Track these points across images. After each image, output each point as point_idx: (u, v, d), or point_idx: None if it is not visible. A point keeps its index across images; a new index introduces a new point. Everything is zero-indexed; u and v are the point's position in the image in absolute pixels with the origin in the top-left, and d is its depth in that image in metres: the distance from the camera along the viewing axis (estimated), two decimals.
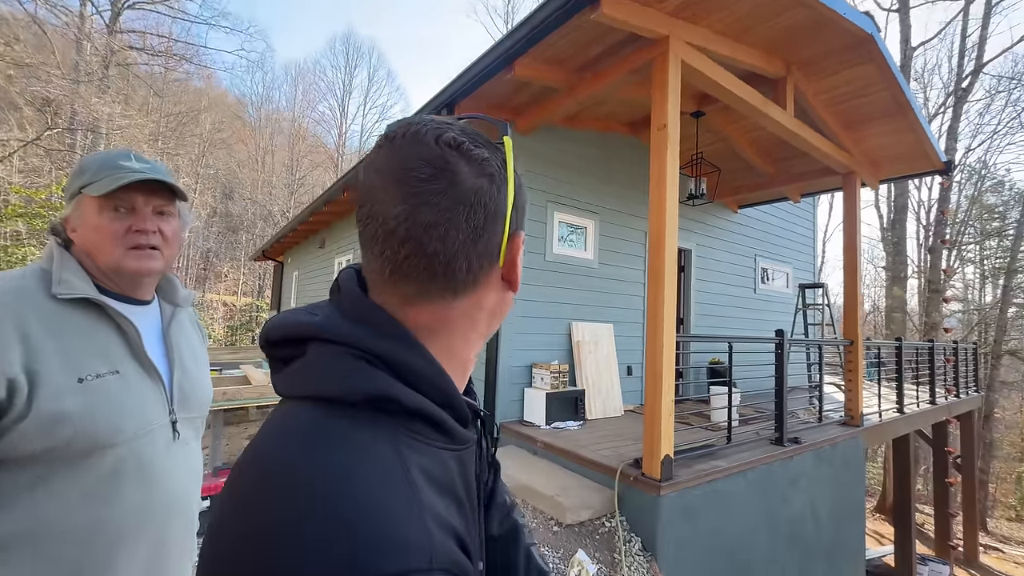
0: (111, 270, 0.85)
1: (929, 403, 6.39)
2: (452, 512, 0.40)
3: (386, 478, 0.35)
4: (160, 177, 0.86)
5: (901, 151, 4.76)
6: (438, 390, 0.42)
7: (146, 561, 0.81)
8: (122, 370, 0.81)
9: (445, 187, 0.40)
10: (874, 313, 20.69)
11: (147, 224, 0.86)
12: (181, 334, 0.97)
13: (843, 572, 4.22)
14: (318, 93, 30.98)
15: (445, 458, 0.42)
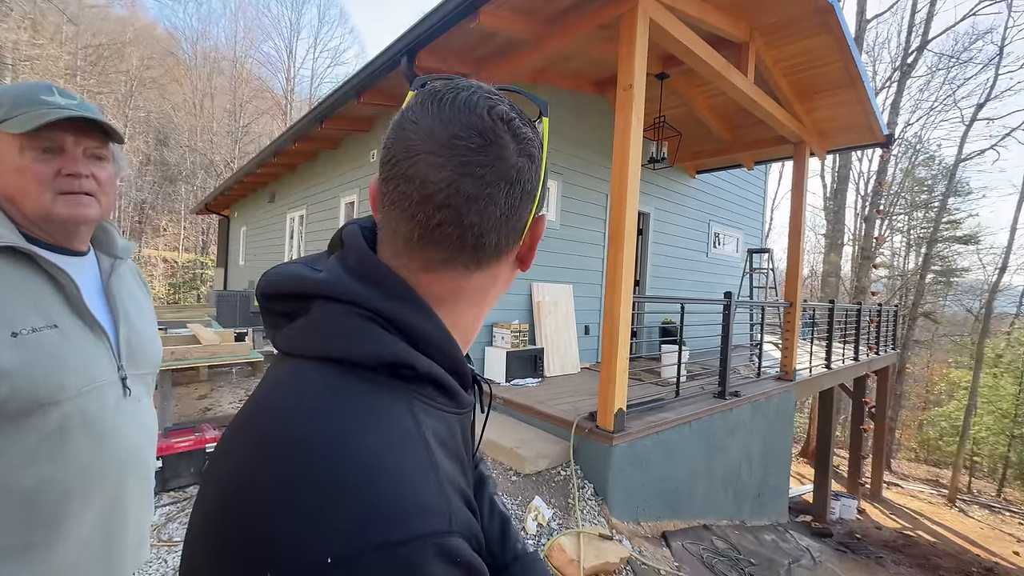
0: (39, 217, 0.76)
1: (853, 359, 7.03)
2: (459, 476, 0.40)
3: (405, 442, 0.36)
4: (93, 115, 0.77)
5: (849, 123, 4.98)
6: (447, 356, 0.42)
7: (102, 518, 0.79)
8: (60, 324, 0.75)
9: (492, 160, 0.40)
10: (812, 277, 22.15)
11: (79, 167, 0.78)
12: (123, 287, 0.91)
13: (769, 508, 4.71)
14: (262, 30, 28.42)
15: (451, 422, 0.43)
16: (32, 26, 13.73)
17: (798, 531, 4.93)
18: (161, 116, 23.54)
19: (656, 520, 3.24)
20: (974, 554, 6.54)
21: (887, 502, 8.57)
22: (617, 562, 2.40)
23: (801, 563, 3.90)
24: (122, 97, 20.82)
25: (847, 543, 5.51)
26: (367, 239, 0.45)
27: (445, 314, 0.44)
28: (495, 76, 4.03)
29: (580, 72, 4.69)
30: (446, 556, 0.32)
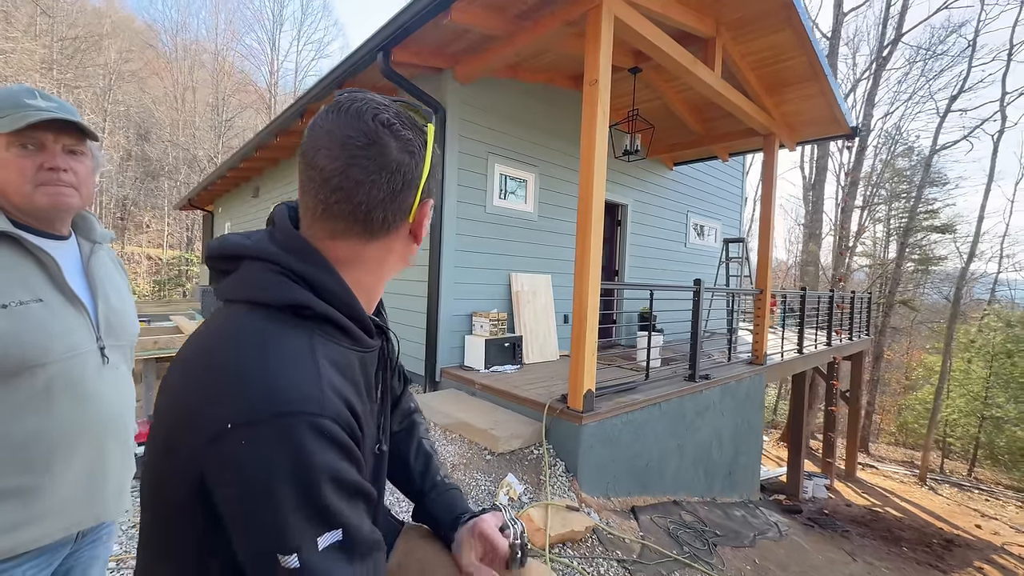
0: (24, 206, 0.87)
1: (826, 344, 7.29)
2: (350, 392, 0.54)
3: (295, 354, 0.50)
4: (69, 117, 0.87)
5: (815, 115, 5.15)
6: (345, 304, 0.56)
7: (86, 469, 0.90)
8: (45, 298, 0.85)
9: (375, 155, 0.53)
10: (794, 267, 22.56)
11: (58, 161, 0.87)
12: (101, 268, 1.01)
13: (741, 486, 4.92)
14: (244, 22, 28.08)
15: (350, 356, 0.57)
16: (4, 18, 13.44)
17: (768, 508, 5.15)
18: (141, 110, 23.16)
19: (626, 496, 3.41)
20: (937, 527, 6.86)
21: (860, 482, 8.90)
22: (583, 531, 2.56)
23: (767, 535, 4.11)
24: (100, 91, 20.44)
25: (815, 519, 5.76)
26: (292, 218, 0.59)
27: (347, 275, 0.58)
28: (470, 71, 4.13)
29: (555, 66, 4.80)
30: (315, 430, 0.46)
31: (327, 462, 0.46)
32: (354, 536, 0.49)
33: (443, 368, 4.32)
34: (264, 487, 0.44)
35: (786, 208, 38.82)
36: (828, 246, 17.73)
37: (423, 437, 0.92)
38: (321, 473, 0.46)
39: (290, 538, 0.45)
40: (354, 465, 0.50)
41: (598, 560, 2.47)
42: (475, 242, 4.53)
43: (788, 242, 26.32)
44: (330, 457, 0.47)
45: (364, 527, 0.50)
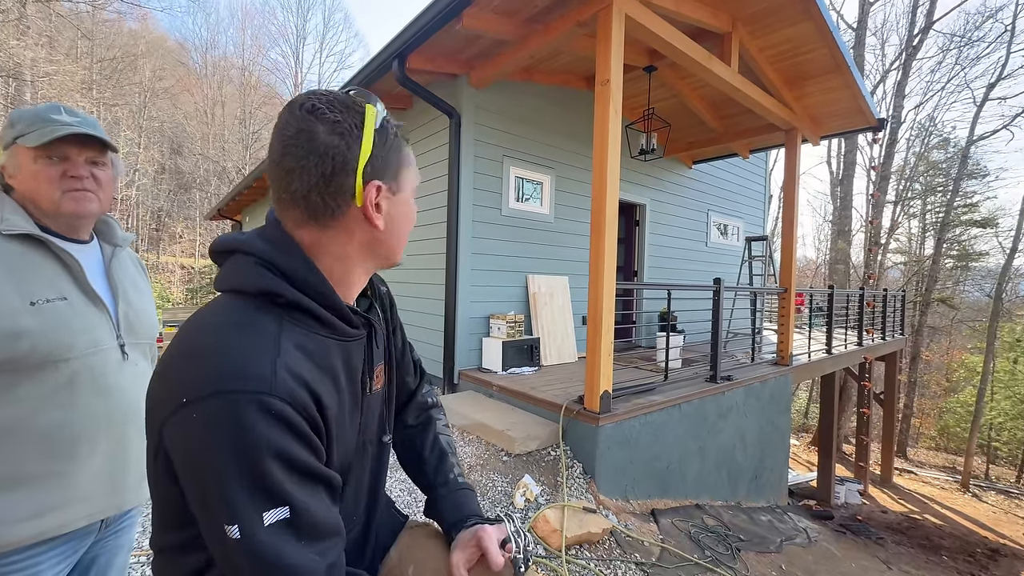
0: (50, 211, 0.93)
1: (856, 344, 7.03)
2: (318, 378, 0.56)
3: (256, 337, 0.53)
4: (90, 131, 0.93)
5: (839, 108, 5.01)
6: (319, 293, 0.59)
7: (108, 458, 0.95)
8: (69, 297, 0.91)
9: (303, 141, 0.55)
10: (824, 265, 21.87)
11: (80, 170, 0.94)
12: (122, 270, 1.06)
13: (767, 490, 4.79)
14: (269, 38, 28.97)
15: (326, 345, 0.60)
16: (49, 43, 14.24)
17: (797, 513, 5.00)
18: (174, 125, 24.13)
19: (646, 498, 3.36)
20: (981, 536, 6.52)
21: (897, 488, 8.53)
22: (599, 532, 2.54)
23: (795, 541, 3.99)
24: (136, 108, 21.40)
25: (848, 525, 5.55)
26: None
27: (319, 263, 0.60)
28: (484, 76, 4.17)
29: (568, 68, 4.81)
30: (262, 408, 0.48)
31: (272, 439, 0.48)
32: (302, 516, 0.49)
33: (461, 370, 4.35)
34: (209, 460, 0.47)
35: (814, 205, 37.72)
36: (859, 243, 17.15)
37: (440, 433, 0.93)
38: (265, 450, 0.47)
39: (233, 510, 0.47)
40: (307, 448, 0.51)
41: (615, 563, 2.44)
42: (491, 244, 4.55)
43: (817, 240, 25.58)
44: (276, 435, 0.48)
45: (317, 509, 0.51)
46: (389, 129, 0.60)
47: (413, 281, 4.93)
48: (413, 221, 0.67)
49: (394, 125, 0.62)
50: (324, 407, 0.55)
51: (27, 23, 12.70)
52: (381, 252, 0.65)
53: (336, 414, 0.59)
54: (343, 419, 0.62)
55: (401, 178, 0.62)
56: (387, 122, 0.61)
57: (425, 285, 4.71)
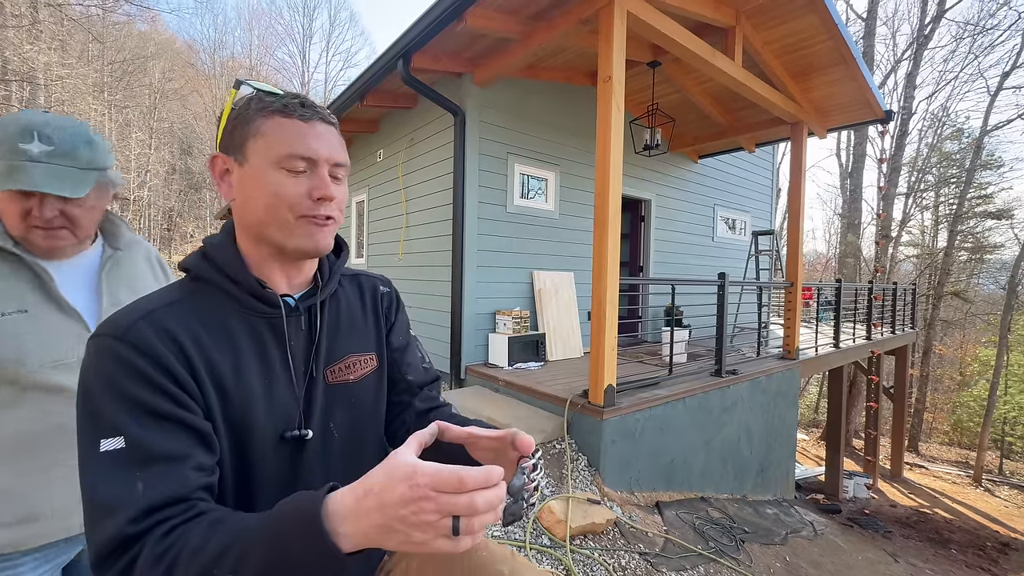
0: (21, 241, 0.89)
1: (865, 339, 7.00)
2: (200, 335, 0.61)
3: (147, 300, 0.62)
4: (41, 190, 0.82)
5: (845, 100, 4.97)
6: (229, 267, 0.65)
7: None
8: (32, 310, 0.87)
9: None
10: (834, 259, 21.64)
11: (46, 212, 0.86)
12: (121, 276, 1.01)
13: (774, 484, 4.80)
14: (275, 38, 29.25)
15: (227, 312, 0.64)
16: (61, 47, 14.46)
17: (804, 507, 5.01)
18: (184, 126, 24.42)
19: (650, 491, 3.40)
20: (992, 530, 6.47)
21: (907, 482, 8.49)
22: (604, 523, 2.59)
23: (800, 534, 4.01)
24: (147, 110, 21.67)
25: (855, 519, 5.55)
26: None
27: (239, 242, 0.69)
28: (488, 74, 4.20)
29: (572, 65, 4.82)
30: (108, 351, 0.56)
31: (112, 377, 0.55)
32: (136, 447, 0.53)
33: (468, 365, 4.41)
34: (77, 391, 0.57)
35: (824, 198, 37.20)
36: (870, 237, 16.93)
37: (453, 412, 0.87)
38: (104, 385, 0.54)
39: (79, 434, 0.55)
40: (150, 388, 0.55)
41: (619, 552, 2.49)
42: (497, 241, 4.60)
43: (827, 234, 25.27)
44: (116, 374, 0.55)
45: (154, 442, 0.53)
46: (249, 106, 0.63)
47: (420, 278, 4.99)
48: (278, 196, 0.62)
49: (268, 102, 0.62)
50: (194, 359, 0.59)
51: (40, 28, 12.90)
52: (251, 227, 0.65)
53: (225, 375, 0.61)
54: (241, 383, 0.63)
55: (247, 149, 0.62)
56: (253, 100, 0.63)
57: (432, 282, 4.77)
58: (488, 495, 0.43)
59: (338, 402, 0.73)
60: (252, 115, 0.62)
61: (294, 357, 0.69)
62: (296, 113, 0.62)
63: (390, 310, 0.86)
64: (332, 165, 0.65)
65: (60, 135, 0.85)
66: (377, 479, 0.45)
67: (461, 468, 0.43)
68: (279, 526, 0.46)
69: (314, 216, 0.64)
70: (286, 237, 0.64)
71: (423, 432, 0.54)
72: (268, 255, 0.67)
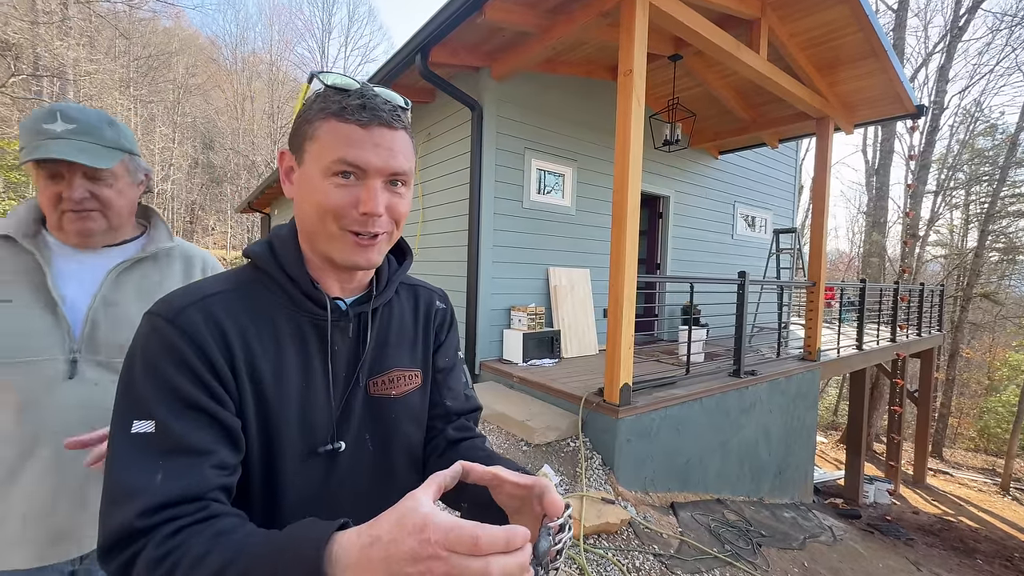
0: (56, 228, 0.90)
1: (890, 340, 6.81)
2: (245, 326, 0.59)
3: (205, 284, 0.61)
4: (67, 156, 0.82)
5: (874, 94, 4.82)
6: (288, 263, 0.63)
7: (42, 488, 0.84)
8: (17, 301, 0.84)
9: None
10: (858, 258, 21.09)
11: (74, 192, 0.86)
12: (134, 277, 0.95)
13: (792, 487, 4.71)
14: (295, 33, 29.50)
15: (285, 313, 0.62)
16: (89, 43, 14.83)
17: (823, 511, 4.91)
18: (206, 121, 24.87)
19: (665, 491, 3.36)
20: (1020, 540, 6.26)
21: (931, 489, 8.26)
22: (618, 523, 2.56)
23: (819, 539, 3.92)
24: (171, 104, 22.13)
25: (876, 525, 5.42)
26: None
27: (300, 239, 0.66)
28: (506, 68, 4.17)
29: (592, 59, 4.75)
30: (156, 330, 0.55)
31: (155, 359, 0.54)
32: (164, 434, 0.51)
33: (482, 361, 4.41)
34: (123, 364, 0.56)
35: (848, 196, 36.27)
36: (896, 235, 16.45)
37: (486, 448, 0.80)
38: (148, 365, 0.54)
39: (115, 408, 0.54)
40: (190, 376, 0.54)
41: (634, 553, 2.47)
42: (513, 237, 4.58)
43: (851, 232, 24.65)
44: (160, 357, 0.54)
45: (184, 433, 0.52)
46: (317, 103, 0.59)
47: (435, 273, 4.99)
48: (322, 207, 0.59)
49: (335, 100, 0.58)
50: (235, 352, 0.58)
51: (69, 24, 13.24)
52: (303, 228, 0.63)
53: (269, 372, 0.60)
54: (283, 382, 0.61)
55: (304, 151, 0.59)
56: (322, 96, 0.59)
57: (447, 277, 4.77)
58: (505, 562, 0.39)
59: (377, 416, 0.70)
60: (313, 115, 0.58)
61: (335, 363, 0.66)
62: (354, 117, 0.57)
63: (442, 328, 0.83)
64: (389, 175, 0.59)
65: (82, 115, 0.86)
66: (385, 527, 0.41)
67: (478, 526, 0.39)
68: (279, 560, 0.43)
69: (359, 233, 0.60)
70: (331, 249, 0.61)
71: (445, 473, 0.49)
72: (321, 263, 0.65)
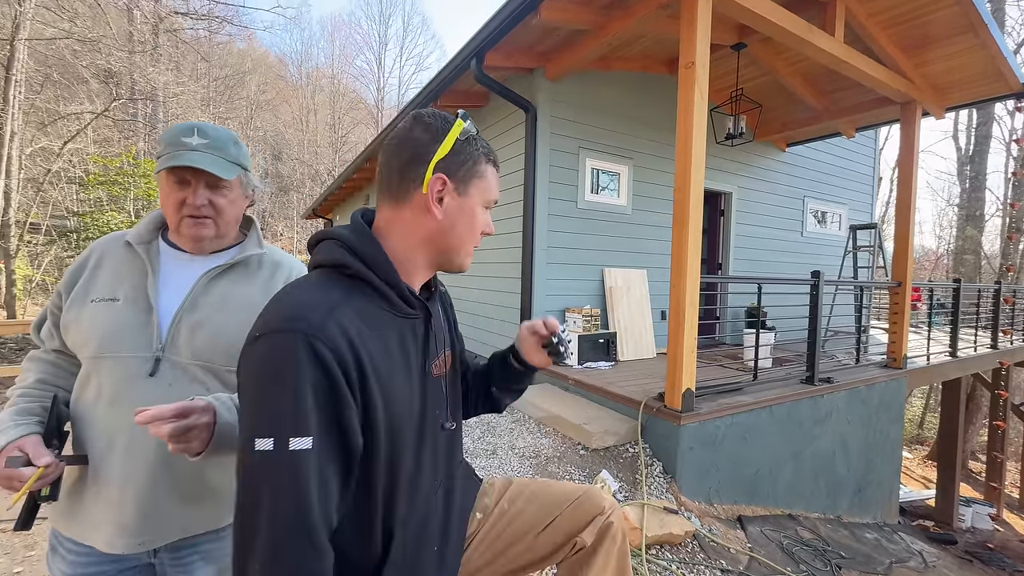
0: (174, 231, 1.00)
1: (990, 347, 6.10)
2: (368, 339, 0.63)
3: (320, 293, 0.64)
4: (200, 165, 0.91)
5: (971, 74, 4.33)
6: (378, 267, 0.68)
7: (120, 479, 0.88)
8: (122, 298, 0.92)
9: (403, 137, 0.71)
10: (946, 256, 19.11)
11: (197, 199, 0.94)
12: (231, 285, 1.00)
13: (873, 506, 4.32)
14: (355, 47, 31.02)
15: (382, 315, 0.68)
16: (175, 67, 16.33)
17: (910, 534, 4.46)
18: (275, 134, 26.64)
19: (731, 503, 3.18)
20: None
21: None
22: (682, 535, 2.45)
23: (907, 564, 3.57)
24: (244, 120, 23.88)
25: (975, 552, 4.86)
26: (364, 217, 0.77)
27: (386, 243, 0.71)
28: (560, 67, 4.14)
29: (648, 53, 4.62)
30: (310, 347, 0.56)
31: (312, 374, 0.56)
32: (319, 454, 0.55)
33: None
34: (263, 382, 0.56)
35: (934, 187, 32.92)
36: (993, 230, 14.74)
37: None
38: (306, 381, 0.55)
39: (271, 425, 0.55)
40: (334, 393, 0.57)
41: (699, 567, 2.35)
42: (567, 238, 4.53)
43: (938, 227, 22.36)
44: (316, 372, 0.56)
45: (328, 460, 0.57)
46: (474, 144, 0.70)
47: (490, 275, 5.04)
48: (475, 231, 0.74)
49: (484, 145, 0.72)
50: (365, 365, 0.61)
51: (159, 52, 14.64)
52: (440, 246, 0.72)
53: (385, 376, 0.64)
54: (394, 383, 0.67)
55: (470, 185, 0.71)
56: (474, 139, 0.70)
57: (500, 279, 4.80)
58: None
59: (446, 394, 0.81)
60: (479, 157, 0.71)
61: (426, 354, 0.75)
62: (497, 164, 0.75)
63: (451, 307, 0.95)
64: None
65: (215, 133, 0.97)
66: None
67: None
68: None
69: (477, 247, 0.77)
70: (461, 259, 0.75)
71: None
72: (424, 266, 0.74)
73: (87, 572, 0.90)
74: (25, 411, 0.89)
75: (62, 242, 10.62)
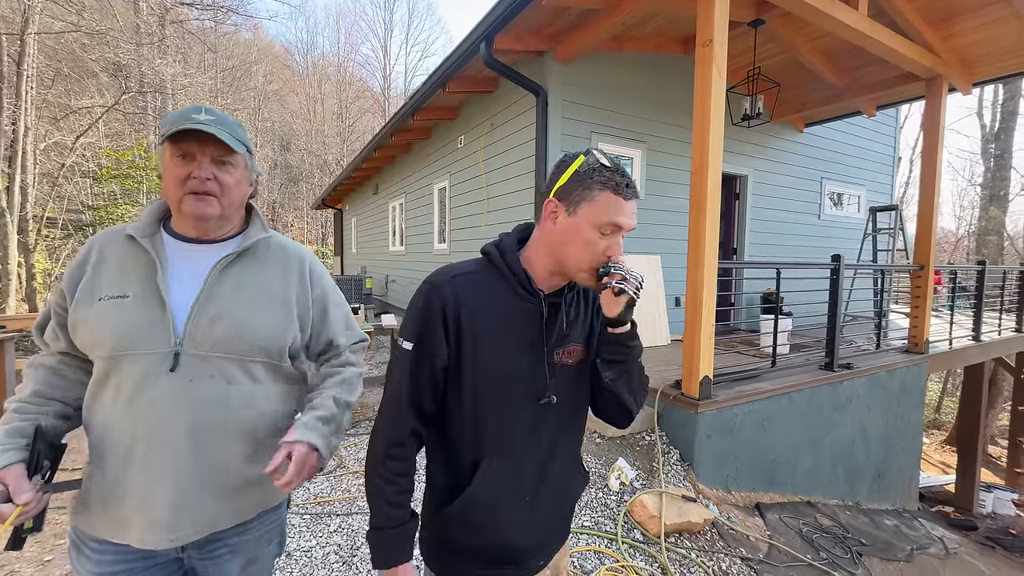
0: (176, 211, 0.94)
1: (1015, 331, 5.95)
2: (476, 300, 0.87)
3: (458, 268, 0.91)
4: (207, 128, 0.88)
5: (1003, 45, 4.15)
6: (508, 260, 0.90)
7: (144, 477, 0.87)
8: (132, 295, 0.89)
9: (550, 173, 0.90)
10: (967, 237, 18.63)
11: (203, 172, 0.90)
12: (234, 274, 0.97)
13: (892, 492, 4.27)
14: (360, 34, 30.80)
15: (501, 291, 0.89)
16: (183, 59, 16.32)
17: (930, 520, 4.41)
18: (283, 124, 26.61)
19: (749, 491, 3.16)
20: None
21: None
22: (700, 523, 2.44)
23: (928, 551, 3.53)
24: (252, 111, 23.86)
25: (997, 539, 4.80)
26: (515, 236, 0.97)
27: (529, 247, 0.92)
28: (571, 49, 4.04)
29: (662, 32, 4.48)
30: (427, 293, 0.88)
31: (425, 308, 0.86)
32: (413, 358, 0.87)
33: None
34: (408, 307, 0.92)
35: (955, 166, 31.99)
36: (1018, 210, 14.29)
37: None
38: (421, 310, 0.87)
39: (400, 332, 0.90)
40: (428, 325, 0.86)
41: (719, 555, 2.34)
42: None
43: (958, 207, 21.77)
44: (428, 308, 0.86)
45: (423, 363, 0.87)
46: (592, 175, 0.82)
47: None
48: (589, 248, 0.83)
49: (608, 177, 0.82)
50: (463, 316, 0.86)
51: (167, 44, 14.62)
52: (557, 256, 0.88)
53: (480, 328, 0.87)
54: (490, 337, 0.87)
55: (580, 208, 0.83)
56: (597, 171, 0.82)
57: None
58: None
59: (563, 378, 0.94)
60: (594, 184, 0.82)
61: (543, 336, 0.90)
62: (622, 192, 0.82)
63: (599, 310, 1.03)
64: (628, 231, 0.85)
65: (221, 113, 0.96)
66: None
67: None
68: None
69: (598, 268, 0.84)
70: (574, 272, 0.87)
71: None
72: (549, 270, 0.90)
73: (115, 571, 0.90)
74: (16, 431, 0.85)
75: (78, 236, 10.79)
